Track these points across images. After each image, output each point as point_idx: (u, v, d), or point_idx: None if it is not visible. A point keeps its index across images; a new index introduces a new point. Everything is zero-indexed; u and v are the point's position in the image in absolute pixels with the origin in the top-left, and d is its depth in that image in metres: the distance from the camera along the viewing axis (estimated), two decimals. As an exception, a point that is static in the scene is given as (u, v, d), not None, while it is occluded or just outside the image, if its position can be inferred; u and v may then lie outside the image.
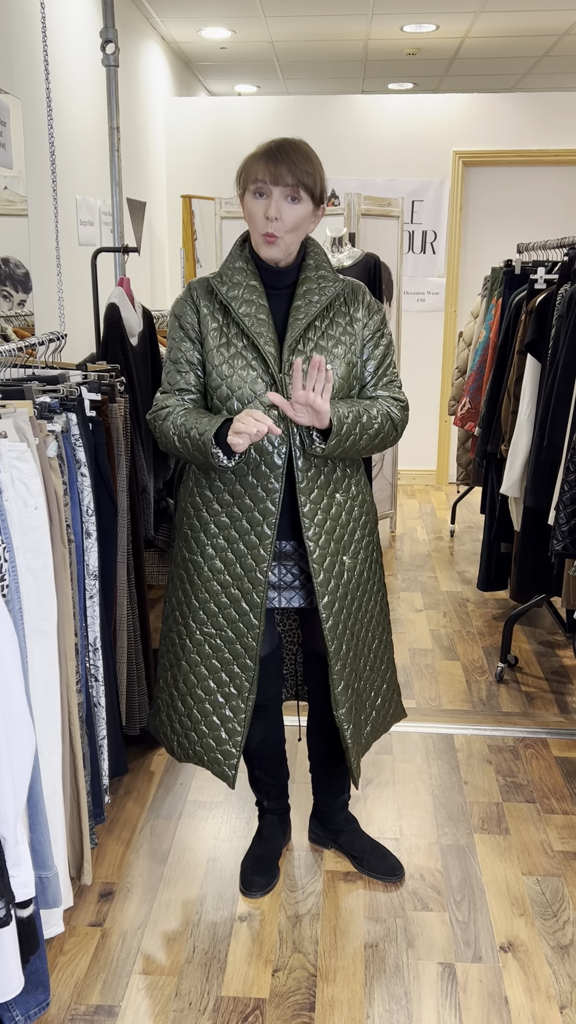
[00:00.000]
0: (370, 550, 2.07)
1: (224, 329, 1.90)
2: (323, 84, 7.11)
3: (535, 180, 6.08)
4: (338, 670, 1.99)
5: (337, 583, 1.97)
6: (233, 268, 1.93)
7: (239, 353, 1.88)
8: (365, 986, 1.91)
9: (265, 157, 1.81)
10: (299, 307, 1.90)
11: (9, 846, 1.56)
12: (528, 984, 1.92)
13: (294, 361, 1.73)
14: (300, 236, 1.88)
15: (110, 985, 1.92)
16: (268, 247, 1.86)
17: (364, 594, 2.06)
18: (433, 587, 4.33)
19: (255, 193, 1.83)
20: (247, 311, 1.88)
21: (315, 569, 1.93)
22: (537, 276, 3.29)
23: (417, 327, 6.20)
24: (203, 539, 1.98)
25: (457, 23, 5.36)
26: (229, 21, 5.37)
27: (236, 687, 2.01)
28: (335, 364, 1.90)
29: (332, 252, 4.17)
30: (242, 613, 1.97)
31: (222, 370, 1.89)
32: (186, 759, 2.11)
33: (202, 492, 1.98)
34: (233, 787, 2.02)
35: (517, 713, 3.08)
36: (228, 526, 1.95)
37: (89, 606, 2.15)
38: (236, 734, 2.02)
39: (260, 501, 1.91)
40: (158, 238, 5.83)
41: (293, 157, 1.81)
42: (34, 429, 1.81)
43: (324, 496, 1.94)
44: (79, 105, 4.04)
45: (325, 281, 1.93)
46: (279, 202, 1.81)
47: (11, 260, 3.21)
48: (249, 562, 1.94)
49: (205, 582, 1.99)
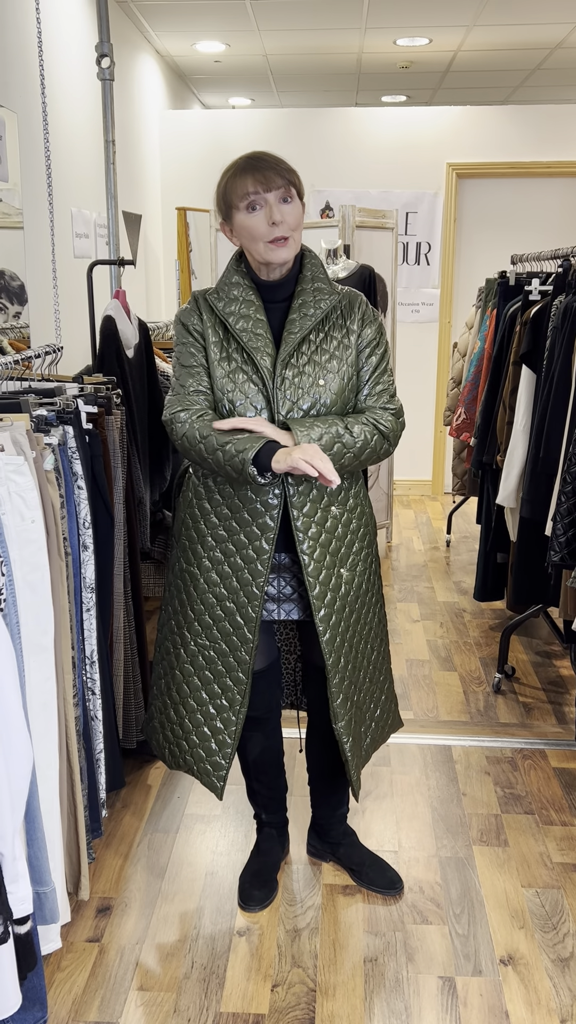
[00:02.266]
0: (368, 562, 2.06)
1: (224, 344, 1.90)
2: (317, 97, 7.15)
3: (528, 192, 6.11)
4: (336, 683, 1.98)
5: (334, 595, 1.97)
6: (229, 284, 1.93)
7: (239, 368, 1.88)
8: (365, 1001, 1.90)
9: (246, 170, 1.81)
10: (294, 320, 1.90)
11: (7, 862, 1.55)
12: (529, 998, 1.91)
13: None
14: (301, 234, 1.90)
15: (108, 1001, 1.90)
16: (280, 250, 1.84)
17: (363, 606, 2.06)
18: (430, 597, 4.33)
19: (248, 208, 1.82)
20: (244, 326, 1.88)
21: (311, 582, 1.92)
22: (531, 287, 3.30)
23: (412, 338, 6.22)
24: (200, 550, 1.98)
25: (450, 37, 5.40)
26: (223, 35, 5.40)
27: (228, 699, 2.00)
28: (328, 379, 1.89)
29: (327, 264, 4.19)
30: (236, 627, 1.96)
31: (223, 384, 1.89)
32: (177, 767, 2.11)
33: (201, 504, 1.98)
34: (221, 798, 2.01)
35: (515, 724, 3.08)
36: (226, 539, 1.95)
37: (86, 619, 2.14)
38: (226, 746, 2.01)
39: (258, 516, 1.90)
40: (153, 250, 5.84)
41: (271, 162, 1.82)
42: (31, 442, 1.81)
43: (318, 509, 1.93)
44: (74, 118, 4.06)
45: (321, 293, 1.93)
46: (278, 206, 1.81)
47: (6, 272, 3.21)
48: (245, 576, 1.93)
49: (201, 593, 1.99)
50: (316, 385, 1.87)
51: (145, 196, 5.62)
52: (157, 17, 5.05)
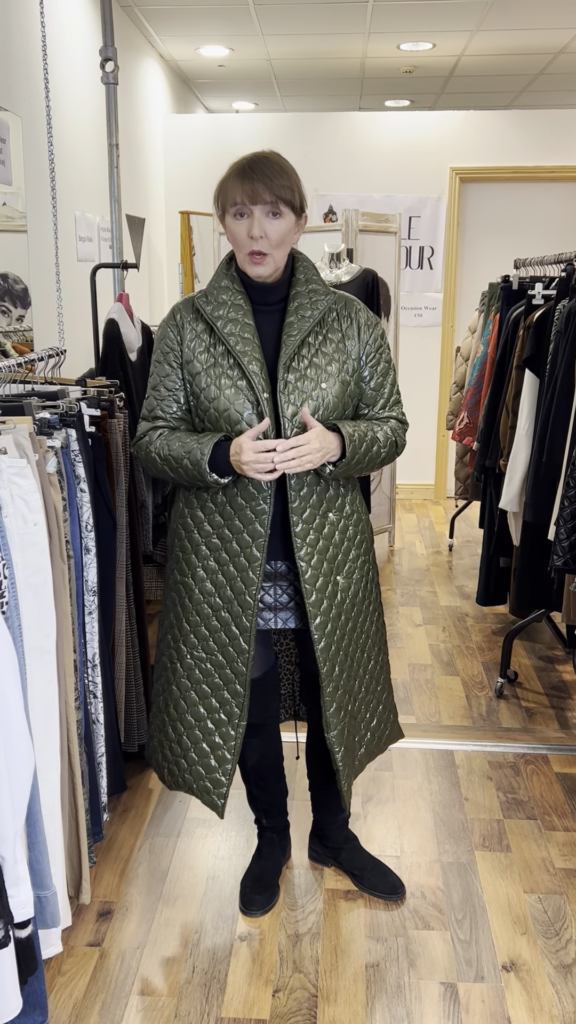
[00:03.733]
0: (365, 570, 2.04)
1: (211, 349, 1.88)
2: (320, 101, 7.16)
3: (531, 196, 6.11)
4: (330, 691, 1.96)
5: (330, 603, 1.95)
6: (219, 287, 1.90)
7: (225, 373, 1.85)
8: (367, 1006, 1.89)
9: (240, 177, 1.78)
10: (292, 323, 1.87)
11: (8, 865, 1.54)
12: (531, 1004, 1.90)
13: (303, 412, 1.80)
14: (287, 250, 1.86)
15: (109, 1006, 1.90)
16: (256, 266, 1.83)
17: (359, 614, 2.04)
18: (432, 602, 4.32)
19: (235, 215, 1.81)
20: (232, 330, 1.86)
21: (307, 590, 1.90)
22: (535, 292, 3.30)
23: (414, 342, 6.22)
24: (194, 560, 1.96)
25: (454, 41, 5.41)
26: (227, 39, 5.41)
27: (227, 713, 1.98)
28: (329, 383, 1.87)
29: (330, 268, 4.19)
30: (232, 637, 1.94)
31: (209, 392, 1.86)
32: (176, 787, 2.07)
33: (193, 513, 1.95)
34: (222, 817, 1.99)
35: (517, 729, 3.07)
36: (219, 547, 1.92)
37: (88, 622, 2.14)
38: (226, 762, 1.98)
39: (249, 523, 1.89)
40: (156, 254, 5.85)
41: (268, 172, 1.77)
42: (34, 445, 1.80)
43: (316, 516, 1.91)
44: (78, 122, 4.06)
45: (316, 295, 1.91)
46: (261, 220, 1.78)
47: (10, 276, 3.22)
48: (239, 584, 1.91)
49: (196, 604, 1.97)
50: (319, 388, 1.86)
51: (149, 200, 5.63)
52: (161, 21, 5.06)
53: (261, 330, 1.90)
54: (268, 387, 1.84)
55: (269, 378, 1.86)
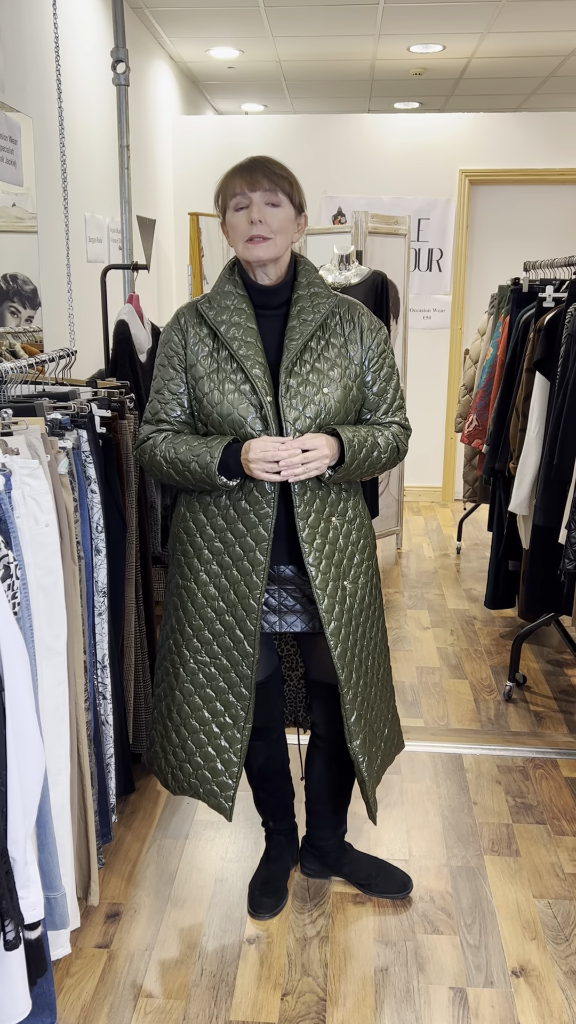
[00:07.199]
0: (370, 575, 2.02)
1: (214, 354, 1.87)
2: (329, 103, 7.16)
3: (541, 199, 6.10)
4: (351, 699, 1.94)
5: (341, 609, 1.93)
6: (222, 292, 1.90)
7: (228, 377, 1.85)
8: (375, 1011, 1.89)
9: (240, 171, 1.82)
10: (294, 327, 1.87)
11: (19, 867, 1.54)
12: (541, 1010, 1.89)
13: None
14: (287, 240, 1.85)
15: (117, 1008, 1.89)
16: (255, 247, 1.81)
17: (367, 620, 2.02)
18: (440, 605, 4.31)
19: (235, 208, 1.82)
20: (235, 334, 1.86)
21: (319, 595, 1.89)
22: (545, 294, 3.29)
23: (423, 344, 6.22)
24: (197, 565, 1.95)
25: (464, 44, 5.40)
26: (237, 41, 5.42)
27: (231, 716, 1.96)
28: (331, 388, 1.86)
29: (340, 270, 4.19)
30: (237, 641, 1.93)
31: (212, 396, 1.86)
32: (180, 792, 2.05)
33: (196, 517, 1.95)
34: (230, 819, 1.97)
35: (526, 733, 3.06)
36: (222, 551, 1.91)
37: (97, 623, 2.14)
38: (232, 765, 1.97)
39: (253, 527, 1.88)
40: (165, 255, 5.85)
41: (268, 165, 1.82)
42: (46, 446, 1.80)
43: (320, 520, 1.90)
44: (89, 123, 4.07)
45: (318, 298, 1.90)
46: (260, 206, 1.80)
47: (19, 276, 3.22)
48: (243, 589, 1.90)
49: (199, 609, 1.95)
50: (321, 393, 1.85)
51: (158, 201, 5.63)
52: (172, 23, 5.06)
53: (264, 334, 1.89)
54: (271, 391, 1.84)
55: (272, 382, 1.85)
